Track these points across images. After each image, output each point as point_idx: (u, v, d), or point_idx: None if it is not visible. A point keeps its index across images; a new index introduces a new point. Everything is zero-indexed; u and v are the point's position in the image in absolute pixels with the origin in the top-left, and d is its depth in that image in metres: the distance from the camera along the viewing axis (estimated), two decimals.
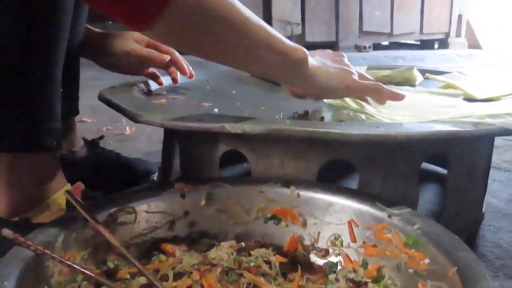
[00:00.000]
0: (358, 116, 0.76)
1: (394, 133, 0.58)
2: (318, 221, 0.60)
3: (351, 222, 0.58)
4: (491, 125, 0.61)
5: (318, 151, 0.67)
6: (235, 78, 1.15)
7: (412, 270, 0.50)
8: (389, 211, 0.56)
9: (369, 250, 0.55)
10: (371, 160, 0.67)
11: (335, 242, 0.59)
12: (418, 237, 0.51)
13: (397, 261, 0.52)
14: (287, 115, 0.75)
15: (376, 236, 0.55)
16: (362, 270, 0.54)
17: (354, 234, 0.58)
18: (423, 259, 0.49)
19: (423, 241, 0.50)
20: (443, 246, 0.48)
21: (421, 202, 0.83)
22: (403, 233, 0.53)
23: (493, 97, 0.85)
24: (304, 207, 0.61)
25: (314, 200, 0.61)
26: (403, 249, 0.52)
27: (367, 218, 0.57)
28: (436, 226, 0.52)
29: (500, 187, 1.06)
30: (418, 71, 1.06)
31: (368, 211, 0.57)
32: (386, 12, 4.40)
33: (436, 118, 0.67)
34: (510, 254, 0.77)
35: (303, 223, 0.61)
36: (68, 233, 0.52)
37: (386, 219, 0.55)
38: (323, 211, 0.60)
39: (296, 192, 0.61)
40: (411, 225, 0.53)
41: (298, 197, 0.61)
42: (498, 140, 1.37)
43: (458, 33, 4.85)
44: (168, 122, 0.66)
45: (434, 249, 0.49)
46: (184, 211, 0.62)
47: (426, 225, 0.53)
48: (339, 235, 0.59)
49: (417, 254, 0.50)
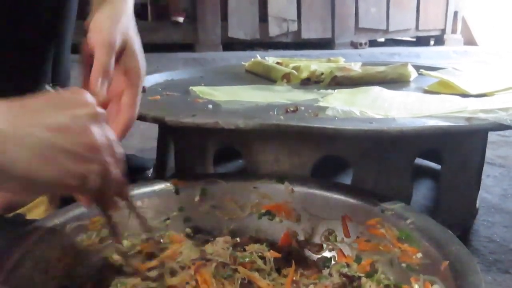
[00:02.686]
0: (352, 112, 0.76)
1: (387, 128, 0.58)
2: (312, 216, 0.60)
3: (345, 217, 0.58)
4: (484, 120, 0.62)
5: (312, 146, 0.67)
6: (230, 74, 1.15)
7: (405, 264, 0.50)
8: (382, 206, 0.56)
9: (363, 245, 0.56)
10: (365, 156, 0.67)
11: (329, 237, 0.59)
12: (411, 232, 0.51)
13: (390, 256, 0.52)
14: (281, 110, 0.75)
15: (369, 231, 0.55)
16: (356, 264, 0.55)
17: (348, 229, 0.58)
18: (416, 253, 0.49)
19: (415, 235, 0.51)
20: (436, 240, 0.49)
21: (415, 197, 0.83)
22: (396, 227, 0.53)
23: (486, 92, 0.86)
24: (298, 202, 0.61)
25: (308, 195, 0.61)
26: (396, 243, 0.52)
27: (360, 213, 0.57)
28: (429, 221, 0.53)
29: (494, 183, 1.07)
30: (412, 67, 1.06)
31: (362, 206, 0.57)
32: (382, 8, 4.40)
33: (429, 114, 0.67)
34: (504, 248, 0.77)
35: (297, 218, 0.61)
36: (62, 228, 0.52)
37: (380, 214, 0.55)
38: (317, 207, 0.60)
39: (290, 187, 0.62)
40: (404, 219, 0.53)
41: (292, 192, 0.61)
42: (492, 136, 1.37)
43: (454, 29, 4.85)
44: (161, 118, 0.66)
45: (427, 244, 0.49)
46: (179, 207, 0.62)
47: (419, 219, 0.53)
48: (333, 230, 0.59)
49: (409, 248, 0.50)
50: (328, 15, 4.20)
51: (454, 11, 4.80)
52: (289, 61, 1.20)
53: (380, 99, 0.82)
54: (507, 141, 1.43)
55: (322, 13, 4.17)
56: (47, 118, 0.38)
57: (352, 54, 3.76)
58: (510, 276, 0.69)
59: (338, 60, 1.24)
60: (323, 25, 4.20)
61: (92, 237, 0.55)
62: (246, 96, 0.88)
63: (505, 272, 0.70)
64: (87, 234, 0.54)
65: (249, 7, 3.83)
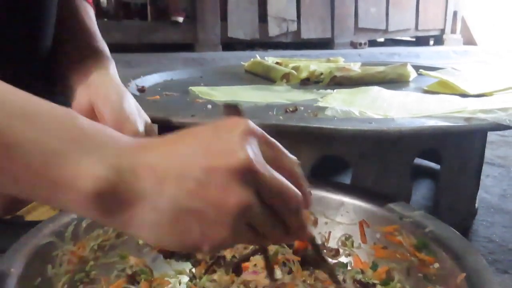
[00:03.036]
0: (352, 112, 0.76)
1: (386, 128, 0.58)
2: (329, 220, 0.59)
3: (362, 222, 0.57)
4: (483, 120, 0.62)
5: (311, 146, 0.67)
6: (229, 74, 1.15)
7: (421, 274, 0.49)
8: (400, 213, 0.54)
9: (379, 252, 0.54)
10: (364, 156, 0.67)
11: (346, 243, 0.58)
12: (429, 241, 0.50)
13: (407, 264, 0.51)
14: (281, 110, 0.75)
15: (386, 238, 0.54)
16: (371, 271, 0.54)
17: (365, 234, 0.57)
18: (433, 263, 0.48)
19: (433, 245, 0.49)
20: (453, 251, 0.47)
21: (414, 197, 0.83)
22: (414, 236, 0.51)
23: (485, 92, 0.86)
24: (315, 206, 0.59)
25: (325, 199, 0.60)
26: (413, 252, 0.51)
27: (378, 219, 0.56)
28: (447, 229, 0.51)
29: (494, 183, 1.07)
30: (412, 67, 1.06)
31: (380, 212, 0.56)
32: (382, 8, 4.41)
33: (428, 114, 0.68)
34: (503, 248, 0.77)
35: (314, 222, 0.59)
36: (78, 223, 0.52)
37: (398, 221, 0.54)
38: (334, 211, 0.59)
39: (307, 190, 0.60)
40: (422, 228, 0.52)
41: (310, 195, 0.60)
42: (492, 136, 1.37)
43: (453, 29, 4.86)
44: (161, 118, 0.66)
45: (444, 254, 0.48)
46: None
47: (437, 228, 0.51)
48: (350, 235, 0.58)
49: (426, 258, 0.49)
50: (327, 15, 4.21)
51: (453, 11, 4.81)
52: (288, 61, 1.20)
53: (380, 99, 0.82)
54: (507, 141, 1.43)
55: (321, 13, 4.18)
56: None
57: (351, 54, 3.76)
58: (509, 276, 0.69)
59: (338, 60, 1.24)
60: (323, 25, 4.20)
61: (108, 232, 0.54)
62: (245, 96, 0.88)
63: (504, 272, 0.70)
64: (104, 229, 0.54)
65: (248, 7, 3.84)
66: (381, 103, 0.79)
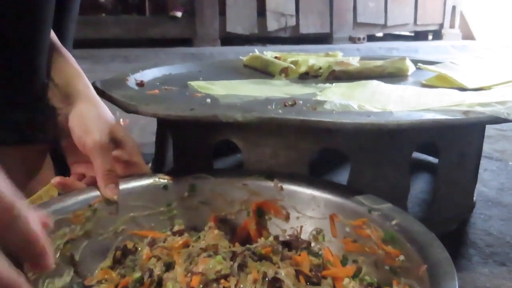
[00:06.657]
0: (350, 106, 0.76)
1: (385, 121, 0.58)
2: (301, 215, 0.59)
3: (333, 216, 0.57)
4: (481, 113, 0.62)
5: (310, 140, 0.67)
6: (228, 68, 1.15)
7: (387, 267, 0.50)
8: (369, 206, 0.55)
9: (349, 246, 0.55)
10: (363, 149, 0.67)
11: (317, 237, 0.58)
12: (395, 233, 0.50)
13: (375, 257, 0.51)
14: (279, 104, 0.75)
15: (355, 231, 0.55)
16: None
17: (335, 228, 0.57)
18: (398, 256, 0.49)
19: (399, 237, 0.50)
20: (418, 243, 0.48)
21: (412, 191, 0.84)
22: (382, 229, 0.52)
23: (484, 86, 0.86)
24: (287, 200, 0.60)
25: (297, 193, 0.60)
26: (381, 245, 0.51)
27: (348, 212, 0.56)
28: (414, 222, 0.51)
29: (492, 176, 1.07)
30: (410, 61, 1.06)
31: (350, 206, 0.56)
32: (380, 3, 4.40)
33: (427, 107, 0.68)
34: (500, 241, 0.78)
35: (286, 216, 0.60)
36: None
37: (366, 214, 0.54)
38: (305, 205, 0.59)
39: (279, 185, 0.61)
40: (389, 220, 0.52)
41: (281, 190, 0.60)
42: (490, 130, 1.38)
43: (452, 24, 4.85)
44: (160, 112, 0.66)
45: (409, 246, 0.48)
46: (167, 203, 0.61)
47: (404, 221, 0.52)
48: (321, 229, 0.58)
49: (392, 250, 0.49)
50: (326, 9, 4.20)
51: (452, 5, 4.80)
52: (287, 56, 1.20)
53: (378, 93, 0.82)
54: (505, 135, 1.43)
55: (320, 7, 4.17)
56: None
57: (350, 48, 3.76)
58: (507, 268, 0.70)
59: (336, 55, 1.24)
60: (322, 20, 4.20)
61: (75, 231, 0.54)
62: (244, 90, 0.88)
63: (502, 265, 0.71)
64: (70, 227, 0.53)
65: (247, 1, 3.83)
66: (379, 96, 0.79)
